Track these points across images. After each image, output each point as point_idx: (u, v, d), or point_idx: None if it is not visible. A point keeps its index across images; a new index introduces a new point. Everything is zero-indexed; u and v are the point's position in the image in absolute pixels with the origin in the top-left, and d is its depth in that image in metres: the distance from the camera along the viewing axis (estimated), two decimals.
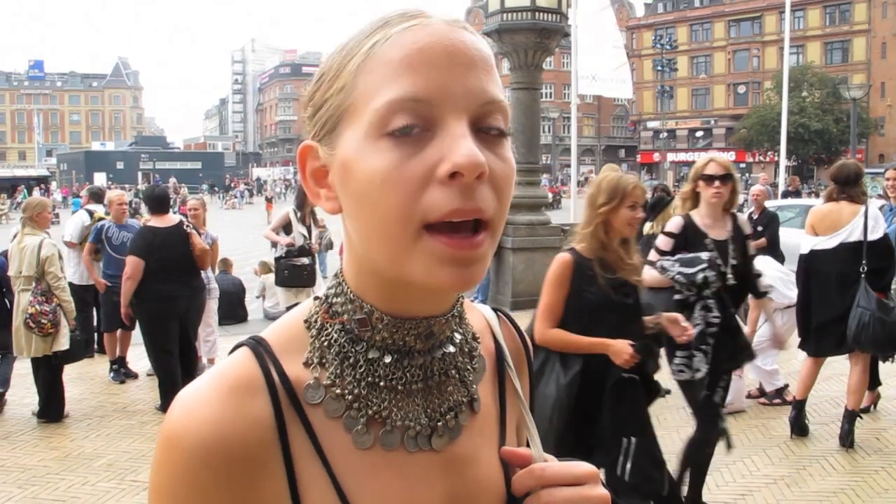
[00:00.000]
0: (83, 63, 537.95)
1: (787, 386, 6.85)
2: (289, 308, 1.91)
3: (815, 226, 5.74)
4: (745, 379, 6.85)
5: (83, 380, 8.05)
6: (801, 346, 6.02)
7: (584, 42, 18.34)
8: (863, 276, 5.49)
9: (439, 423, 0.84)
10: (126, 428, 6.54)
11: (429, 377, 0.84)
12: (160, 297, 6.83)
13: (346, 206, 0.79)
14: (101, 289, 8.04)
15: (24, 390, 7.35)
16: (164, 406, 6.85)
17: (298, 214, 8.24)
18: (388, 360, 0.82)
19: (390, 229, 0.74)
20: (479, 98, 0.75)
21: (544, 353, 3.65)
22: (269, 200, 37.73)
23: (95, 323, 8.74)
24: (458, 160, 0.70)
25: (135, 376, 8.12)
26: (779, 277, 6.52)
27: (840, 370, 6.29)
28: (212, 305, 8.18)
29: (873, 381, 6.58)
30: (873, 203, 6.23)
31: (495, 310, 1.03)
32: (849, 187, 5.64)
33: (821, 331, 5.75)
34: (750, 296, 4.92)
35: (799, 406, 5.94)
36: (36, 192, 34.58)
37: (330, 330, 0.84)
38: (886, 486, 5.07)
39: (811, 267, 5.77)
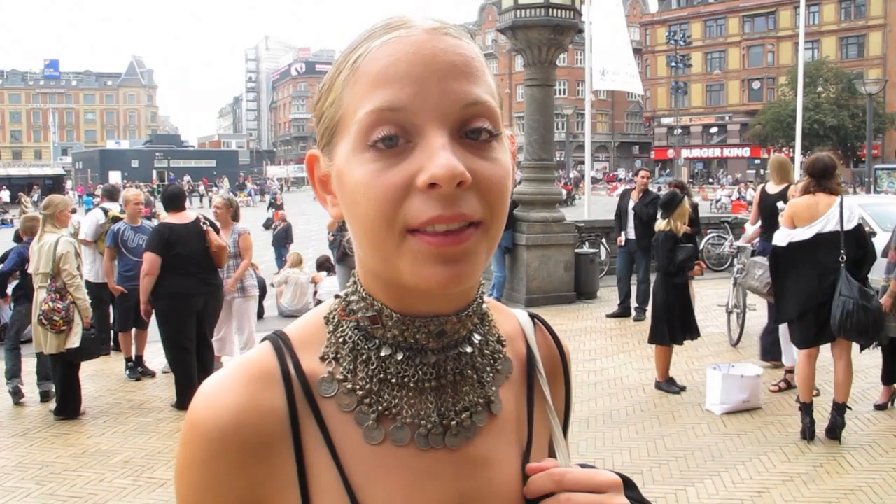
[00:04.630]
0: (98, 62, 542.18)
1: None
2: None
3: (793, 218, 5.82)
4: (763, 376, 6.82)
5: (100, 377, 8.10)
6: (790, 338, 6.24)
7: (599, 37, 18.34)
8: (842, 265, 5.58)
9: (453, 423, 0.85)
10: (142, 425, 6.57)
11: (442, 376, 0.85)
12: (177, 294, 6.86)
13: (344, 213, 0.82)
14: (117, 294, 8.08)
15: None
16: (181, 404, 6.88)
17: None
18: (399, 357, 0.84)
19: (376, 234, 0.76)
20: (459, 102, 0.75)
21: None
22: (277, 208, 26.25)
23: (112, 321, 8.78)
24: (435, 171, 0.72)
25: (152, 375, 8.15)
26: None
27: (856, 366, 6.25)
28: (251, 308, 8.14)
29: (891, 377, 6.54)
30: (853, 197, 6.28)
31: (532, 316, 1.03)
32: (825, 179, 5.78)
33: (799, 321, 5.84)
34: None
35: (807, 409, 5.89)
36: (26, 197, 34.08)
37: (345, 327, 0.86)
38: None
39: (788, 258, 5.86)
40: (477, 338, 0.89)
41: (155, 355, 8.34)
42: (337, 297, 0.90)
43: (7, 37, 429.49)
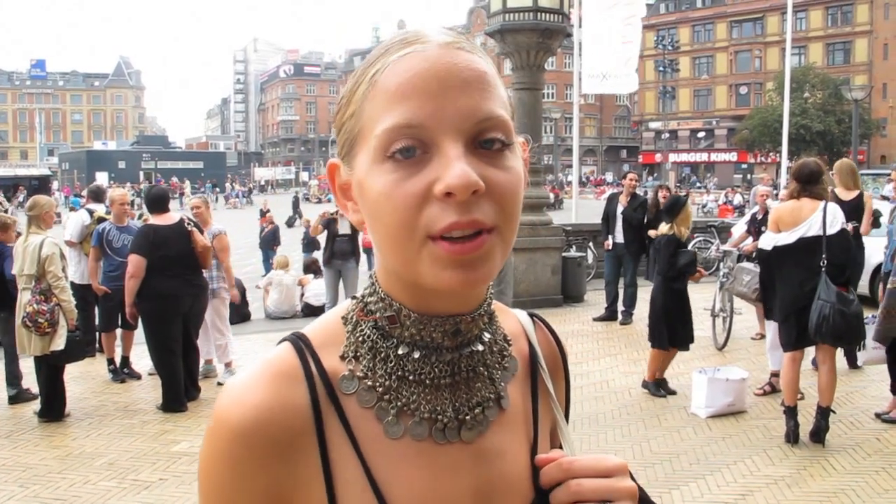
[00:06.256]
0: (85, 62, 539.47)
1: None
2: None
3: (778, 222, 5.88)
4: (749, 380, 6.85)
5: (84, 379, 8.06)
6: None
7: (591, 41, 18.30)
8: (823, 269, 5.61)
9: (467, 417, 0.88)
10: (127, 427, 6.54)
11: (456, 373, 0.89)
12: (163, 296, 6.84)
13: (365, 220, 0.85)
14: (100, 293, 8.05)
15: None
16: (166, 406, 6.85)
17: None
18: (416, 355, 0.87)
19: (398, 240, 0.80)
20: (473, 118, 0.79)
21: None
22: (263, 214, 20.63)
23: (97, 322, 8.74)
24: (450, 181, 0.75)
25: (137, 377, 8.11)
26: None
27: (840, 370, 6.28)
28: (219, 308, 8.15)
29: None
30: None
31: (531, 315, 1.07)
32: (810, 184, 5.81)
33: (783, 324, 5.90)
34: None
35: (791, 413, 5.92)
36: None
37: (364, 326, 0.89)
38: (887, 487, 5.07)
39: (773, 263, 5.92)
40: (487, 336, 0.92)
41: (140, 357, 8.30)
42: (353, 297, 0.93)
43: (7, 37, 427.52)
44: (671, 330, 7.11)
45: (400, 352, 0.87)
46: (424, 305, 0.86)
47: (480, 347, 0.91)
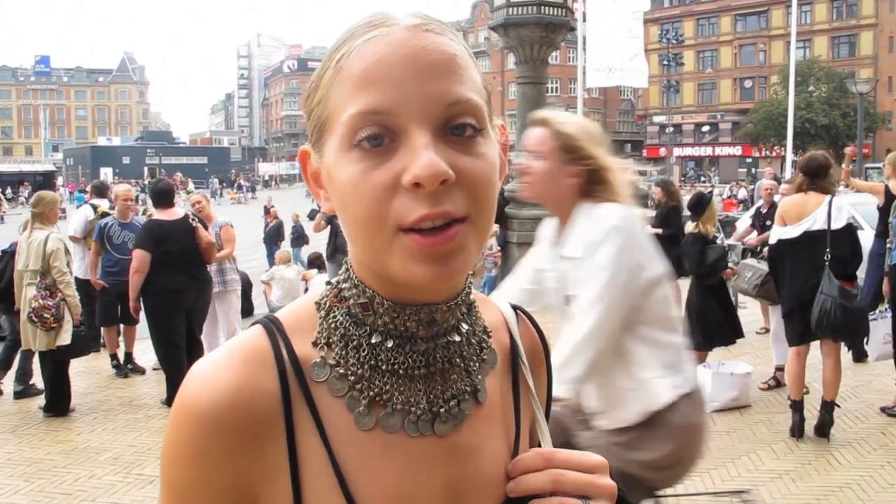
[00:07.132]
0: (89, 58, 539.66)
1: None
2: None
3: (783, 216, 5.88)
4: (753, 374, 6.84)
5: (89, 374, 8.08)
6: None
7: (597, 34, 18.24)
8: (827, 263, 5.59)
9: (441, 410, 0.86)
10: (132, 422, 6.56)
11: (431, 364, 0.86)
12: (167, 291, 6.85)
13: (335, 209, 0.83)
14: (98, 288, 8.06)
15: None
16: (170, 401, 6.84)
17: None
18: (389, 344, 0.84)
19: (367, 232, 0.78)
20: (442, 102, 0.76)
21: None
22: (268, 210, 20.16)
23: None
24: (417, 171, 0.73)
25: (142, 371, 8.14)
26: None
27: (845, 364, 6.27)
28: (233, 301, 8.19)
29: None
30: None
31: (515, 307, 1.04)
32: (818, 178, 5.80)
33: (787, 318, 5.89)
34: None
35: (797, 407, 5.91)
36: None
37: (337, 313, 0.87)
38: (892, 481, 5.06)
39: (778, 256, 5.92)
40: (465, 327, 0.89)
41: (144, 352, 8.32)
42: (328, 283, 0.90)
43: (7, 36, 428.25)
44: (706, 330, 7.01)
45: (373, 340, 0.84)
46: (398, 294, 0.83)
47: (457, 338, 0.88)
